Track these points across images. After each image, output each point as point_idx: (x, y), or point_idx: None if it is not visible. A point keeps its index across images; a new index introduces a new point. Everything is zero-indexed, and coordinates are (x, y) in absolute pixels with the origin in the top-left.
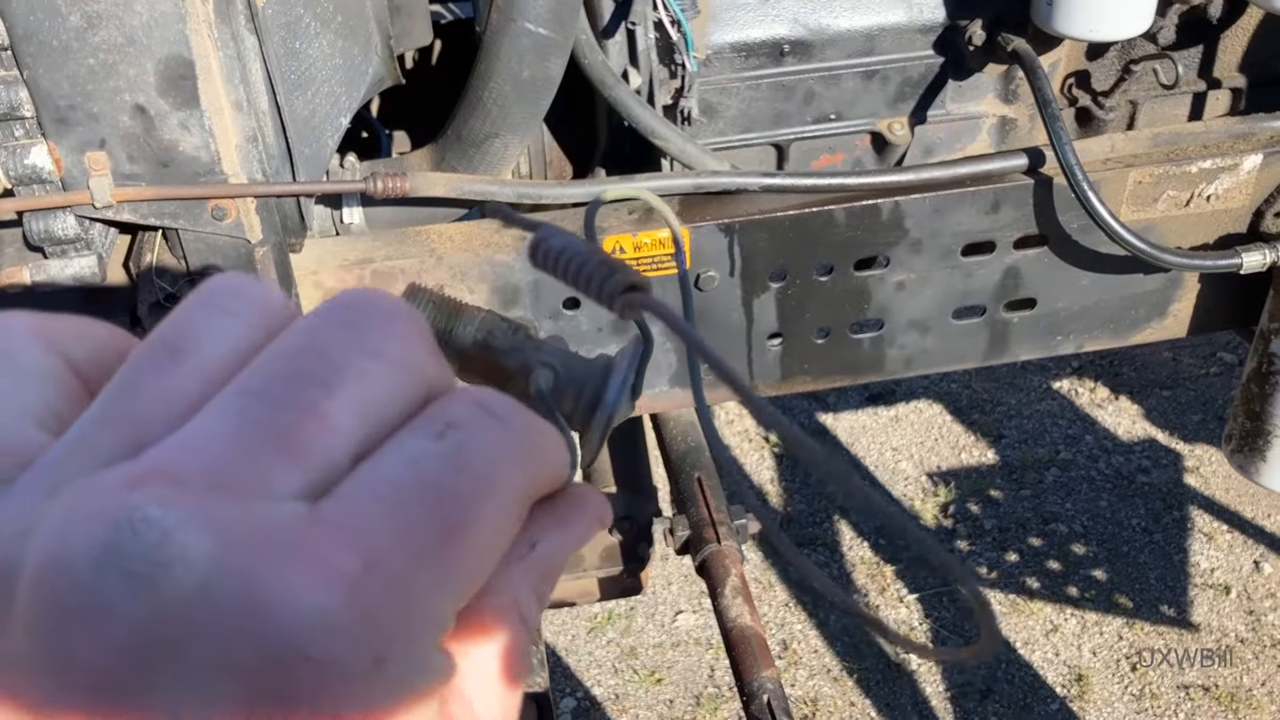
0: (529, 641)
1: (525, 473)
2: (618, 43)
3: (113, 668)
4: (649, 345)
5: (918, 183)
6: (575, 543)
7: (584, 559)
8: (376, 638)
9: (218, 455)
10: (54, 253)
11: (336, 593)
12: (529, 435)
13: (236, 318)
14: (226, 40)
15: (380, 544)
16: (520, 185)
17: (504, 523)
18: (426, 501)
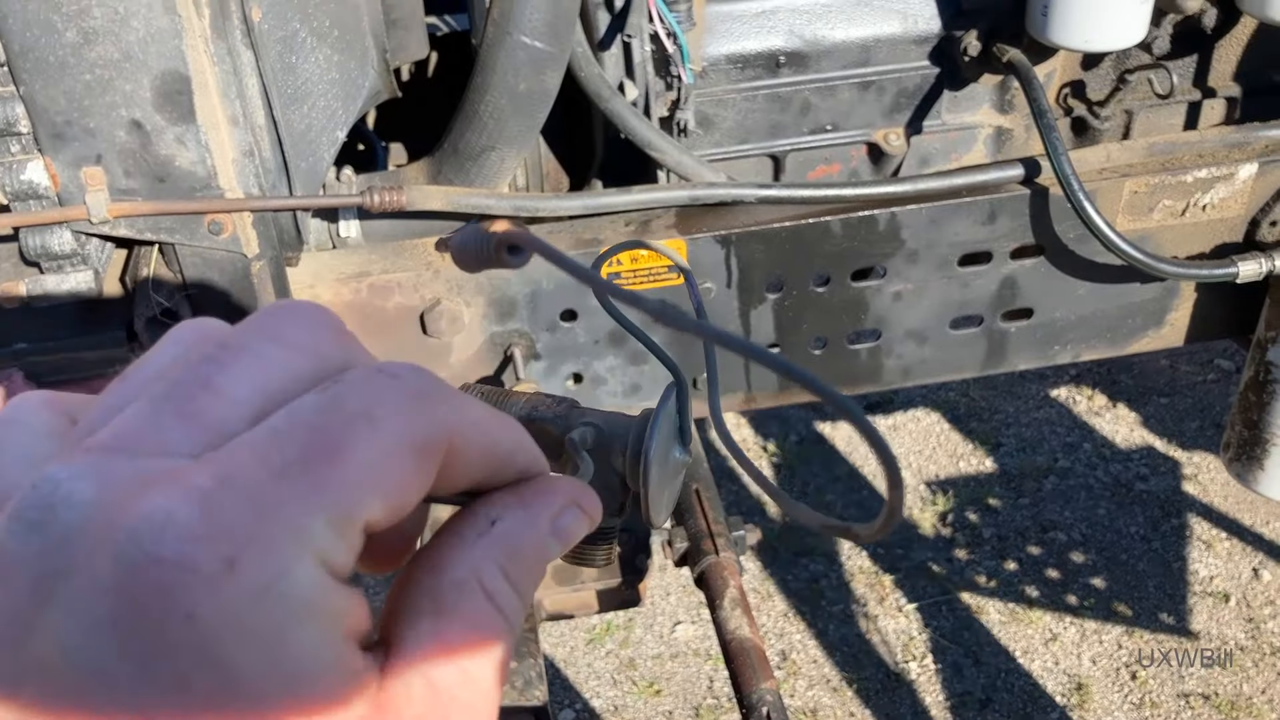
0: (498, 617)
1: (413, 419)
2: (614, 55)
3: (15, 606)
4: (683, 388)
5: (914, 194)
6: (545, 525)
7: (581, 571)
8: (226, 540)
9: (125, 427)
10: (50, 268)
11: (187, 502)
12: (424, 389)
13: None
14: (223, 55)
15: (238, 465)
16: (517, 198)
17: (382, 458)
18: (294, 432)
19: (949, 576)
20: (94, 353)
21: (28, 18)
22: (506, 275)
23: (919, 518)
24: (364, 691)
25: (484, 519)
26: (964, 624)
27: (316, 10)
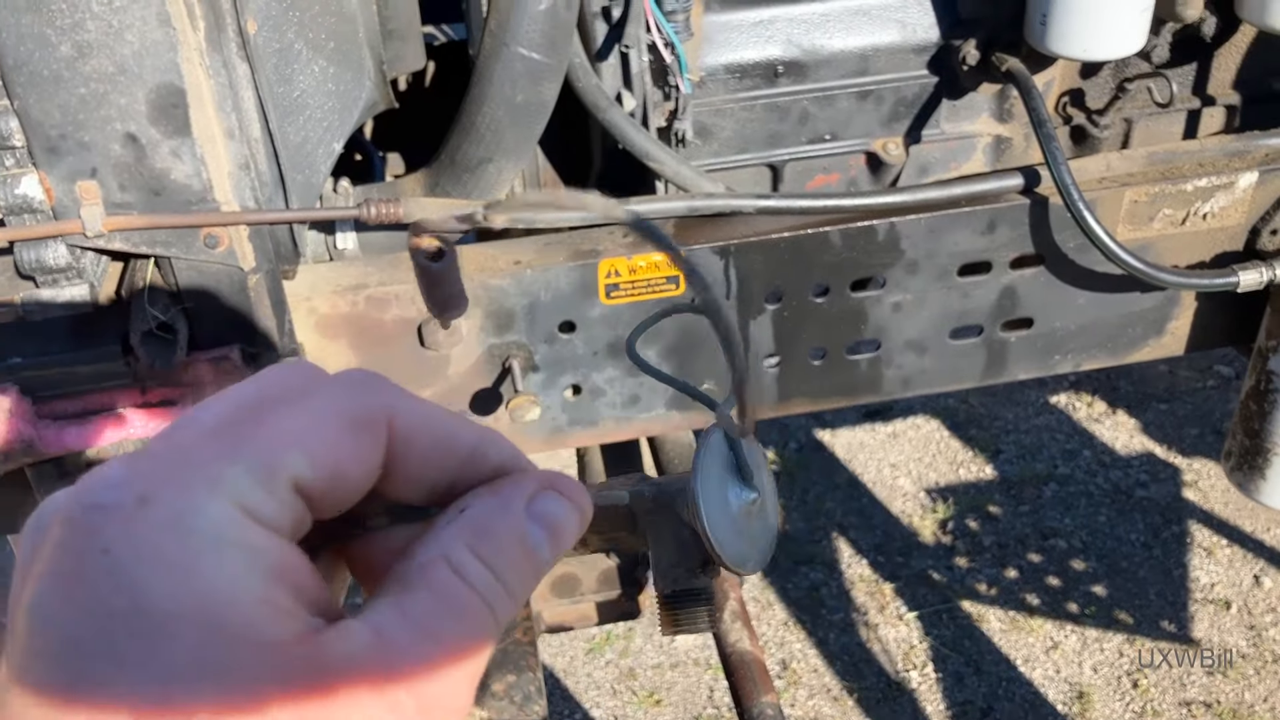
0: (465, 589)
1: (344, 395)
2: (611, 65)
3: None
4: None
5: (913, 203)
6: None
7: (581, 583)
8: (142, 482)
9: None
10: (45, 282)
11: (122, 461)
12: (364, 379)
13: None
14: (218, 68)
15: (180, 431)
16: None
17: (309, 421)
18: (233, 405)
19: (949, 584)
20: (89, 367)
21: (21, 31)
22: (504, 287)
23: (919, 525)
24: (291, 626)
25: (454, 510)
26: (965, 632)
27: (312, 22)
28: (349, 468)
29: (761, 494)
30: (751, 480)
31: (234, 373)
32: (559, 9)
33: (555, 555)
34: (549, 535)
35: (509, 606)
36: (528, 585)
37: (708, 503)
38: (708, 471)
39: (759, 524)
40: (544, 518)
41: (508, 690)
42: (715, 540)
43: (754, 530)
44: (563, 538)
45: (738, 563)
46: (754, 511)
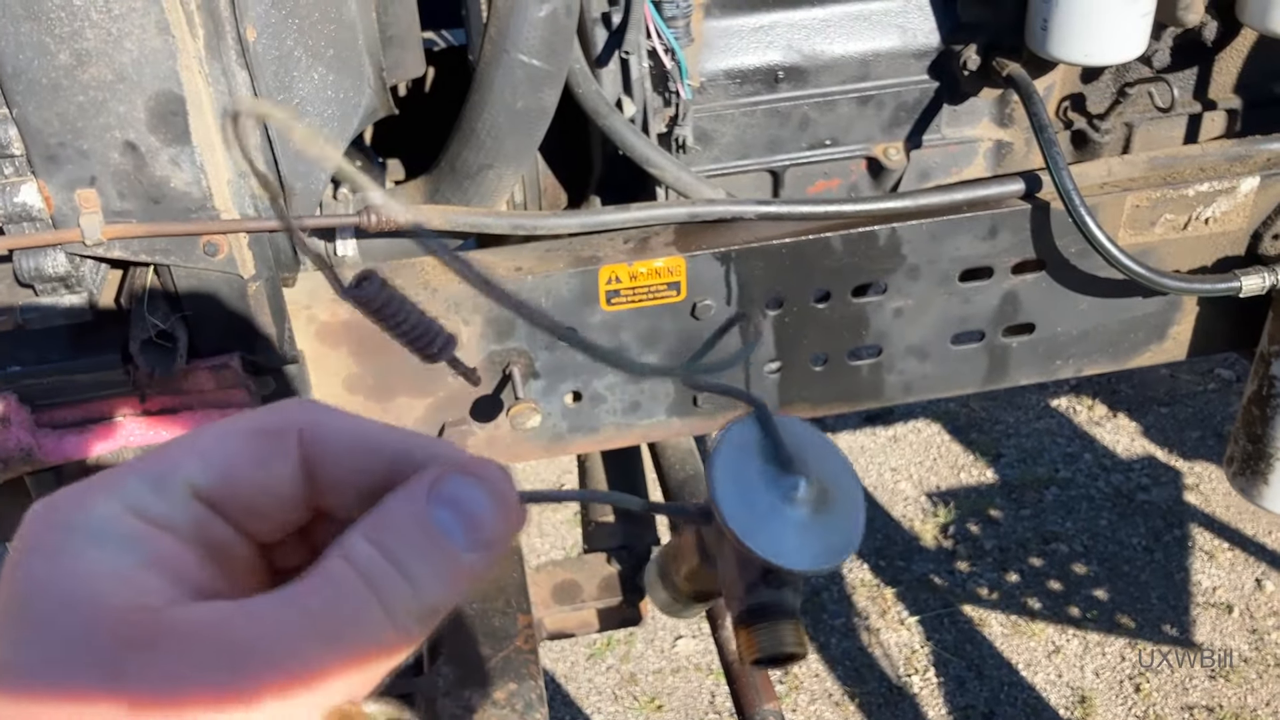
0: (353, 577)
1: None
2: (611, 71)
3: None
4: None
5: (914, 209)
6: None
7: (582, 590)
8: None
9: None
10: (44, 290)
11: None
12: (275, 403)
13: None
14: (217, 76)
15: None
16: (514, 217)
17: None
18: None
19: (951, 589)
20: (88, 375)
21: (20, 40)
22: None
23: (920, 529)
24: (144, 599)
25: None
26: (966, 636)
27: (312, 29)
28: (245, 471)
29: (815, 476)
30: (791, 465)
31: (234, 381)
32: (559, 15)
33: (478, 543)
34: (461, 520)
35: (405, 593)
36: (439, 572)
37: (729, 499)
38: (729, 463)
39: (823, 512)
40: (451, 500)
41: (509, 698)
42: (744, 538)
43: (816, 520)
44: (480, 523)
45: (795, 560)
46: (809, 499)
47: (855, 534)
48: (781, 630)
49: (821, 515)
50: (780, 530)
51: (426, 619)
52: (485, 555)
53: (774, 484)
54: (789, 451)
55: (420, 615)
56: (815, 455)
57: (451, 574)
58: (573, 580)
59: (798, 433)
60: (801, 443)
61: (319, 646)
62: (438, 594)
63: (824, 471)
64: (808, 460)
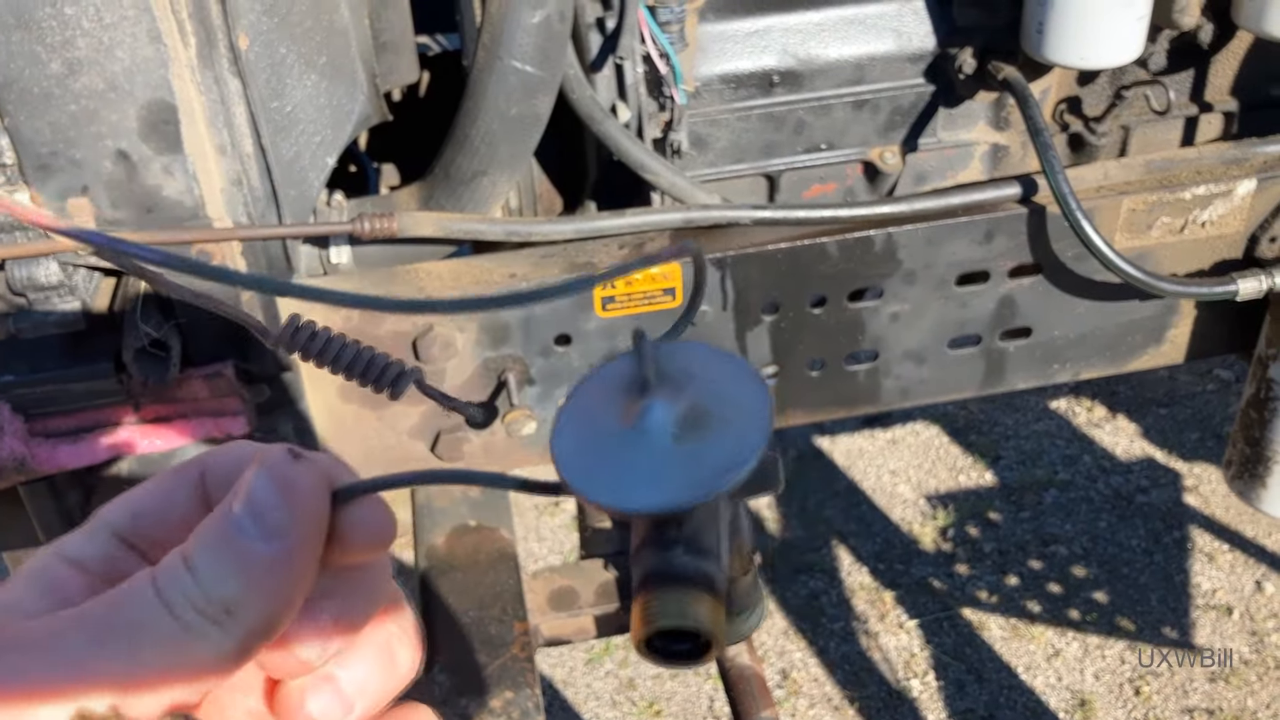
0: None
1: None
2: (606, 77)
3: None
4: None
5: (910, 213)
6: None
7: (579, 596)
8: None
9: None
10: (37, 299)
11: None
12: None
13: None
14: (210, 84)
15: None
16: (509, 223)
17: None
18: None
19: (950, 592)
20: (82, 384)
21: (11, 49)
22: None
23: (919, 533)
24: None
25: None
26: (966, 640)
27: (304, 37)
28: (147, 502)
29: (692, 400)
30: (648, 389)
31: (228, 389)
32: (553, 21)
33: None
34: (248, 509)
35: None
36: (223, 563)
37: (567, 443)
38: (585, 404)
39: (691, 439)
40: (245, 493)
41: (505, 706)
42: (576, 482)
43: (680, 451)
44: (263, 507)
45: (636, 500)
46: (667, 426)
47: (737, 463)
48: (660, 600)
49: (690, 443)
50: (626, 467)
51: (220, 616)
52: (279, 544)
53: (626, 416)
54: (649, 375)
55: (208, 611)
56: (707, 377)
57: (240, 567)
58: (570, 586)
59: (693, 355)
60: (692, 366)
61: (83, 646)
62: (226, 588)
63: (712, 393)
64: (688, 384)
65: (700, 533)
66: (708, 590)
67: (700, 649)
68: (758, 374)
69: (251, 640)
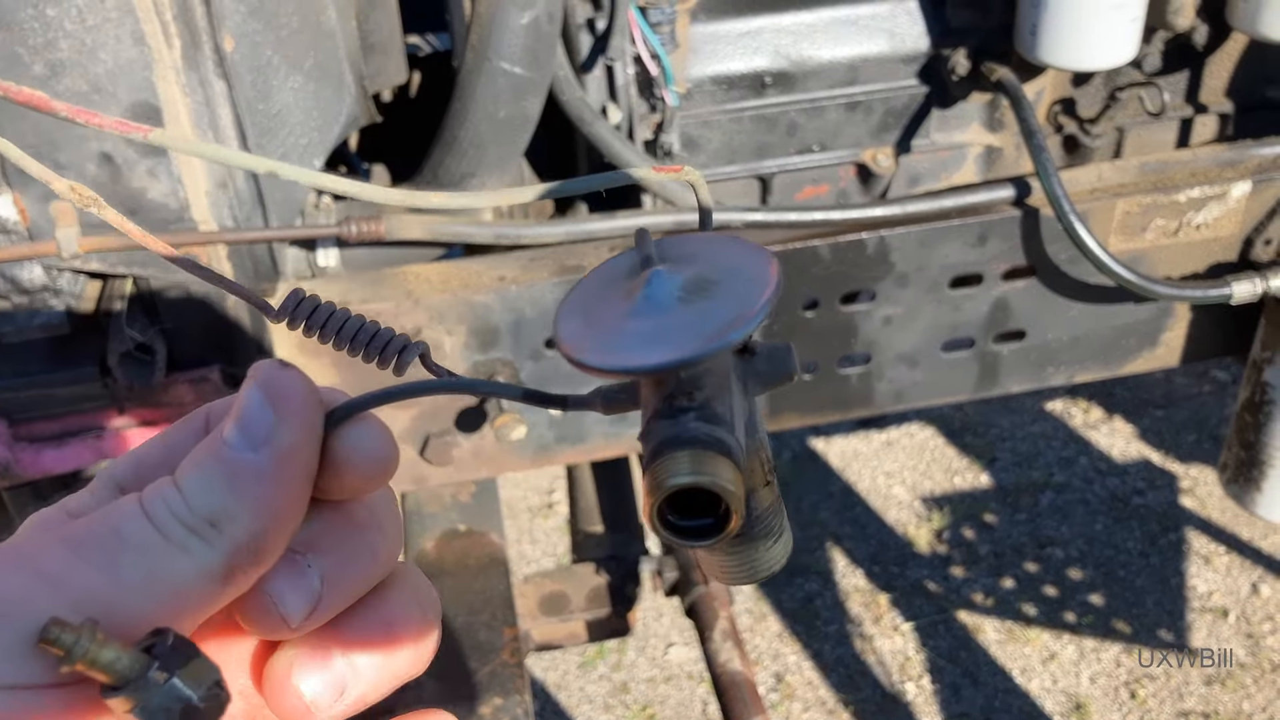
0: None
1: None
2: (596, 78)
3: None
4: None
5: (903, 216)
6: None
7: (570, 601)
8: None
9: None
10: (21, 303)
11: None
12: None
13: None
14: (194, 86)
15: None
16: (498, 226)
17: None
18: None
19: (945, 595)
20: (66, 388)
21: None
22: (488, 303)
23: (915, 535)
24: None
25: None
26: (961, 643)
27: (291, 38)
28: (152, 453)
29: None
30: (650, 263)
31: (214, 392)
32: (542, 22)
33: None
34: (236, 421)
35: (171, 498)
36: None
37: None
38: (590, 290)
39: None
40: (236, 408)
41: (495, 713)
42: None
43: (685, 313)
44: (249, 417)
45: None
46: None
47: (748, 307)
48: (676, 460)
49: (696, 304)
50: (630, 334)
51: (204, 529)
52: (266, 452)
53: (629, 291)
54: (650, 253)
55: (193, 523)
56: (709, 254)
57: (226, 477)
58: (561, 591)
59: (695, 242)
60: (694, 249)
61: (62, 557)
62: (210, 500)
63: (713, 265)
64: (691, 259)
65: (713, 402)
66: (723, 453)
67: (720, 521)
68: (758, 246)
69: (238, 557)
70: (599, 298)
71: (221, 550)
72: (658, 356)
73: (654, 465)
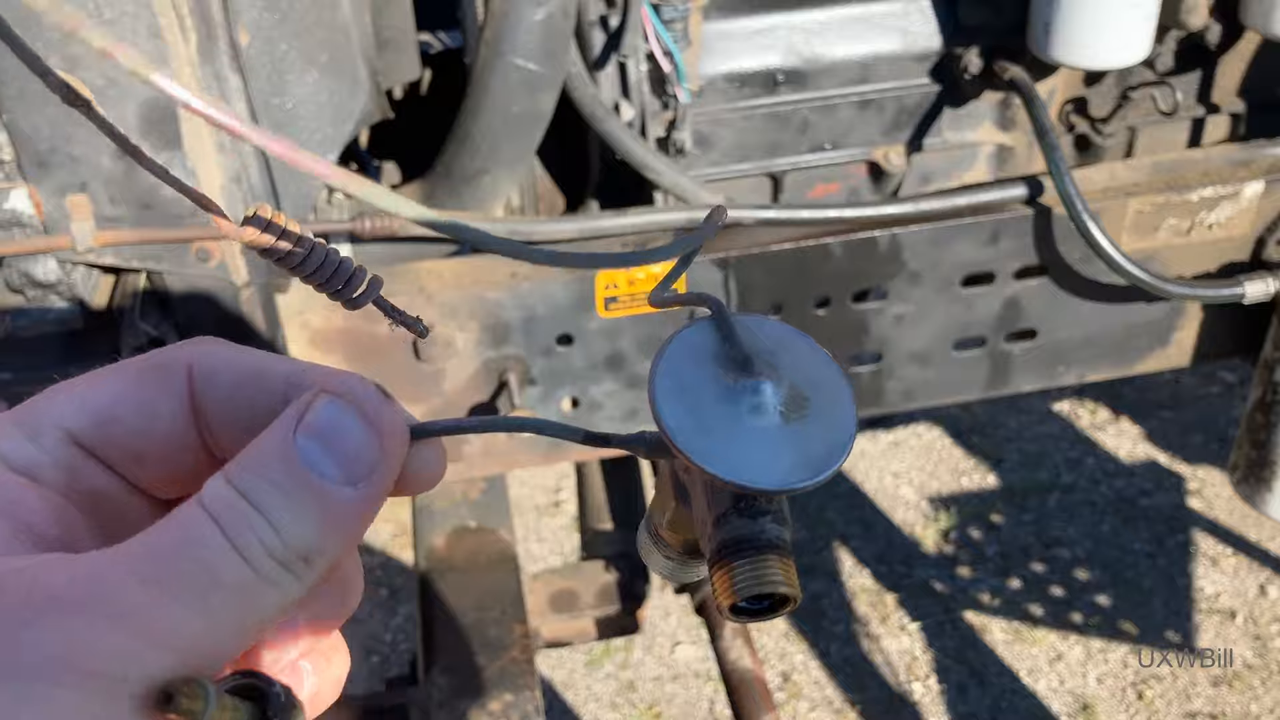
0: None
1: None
2: (609, 75)
3: None
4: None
5: (915, 214)
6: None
7: (579, 598)
8: None
9: None
10: (35, 296)
11: None
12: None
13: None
14: (210, 80)
15: None
16: (511, 222)
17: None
18: None
19: (952, 595)
20: None
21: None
22: (500, 299)
23: (921, 535)
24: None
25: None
26: (968, 643)
27: (305, 34)
28: (124, 411)
29: (787, 379)
30: (751, 366)
31: None
32: (555, 19)
33: (352, 477)
34: (326, 446)
35: (265, 534)
36: (306, 511)
37: (676, 414)
38: (677, 373)
39: (797, 419)
40: (319, 431)
41: (505, 709)
42: (697, 456)
43: (789, 430)
44: (351, 454)
45: (764, 477)
46: (776, 405)
47: (841, 441)
48: (762, 566)
49: (796, 423)
50: (742, 444)
51: (296, 565)
52: (365, 489)
53: (732, 391)
54: (749, 352)
55: (286, 559)
56: (790, 357)
57: (322, 513)
58: (570, 588)
59: (767, 332)
60: (771, 343)
61: (150, 596)
62: (306, 536)
63: (800, 374)
64: (779, 362)
65: (783, 505)
66: (791, 556)
67: (776, 606)
68: (830, 356)
69: (317, 586)
70: (694, 383)
71: (308, 583)
72: (778, 479)
73: (737, 564)
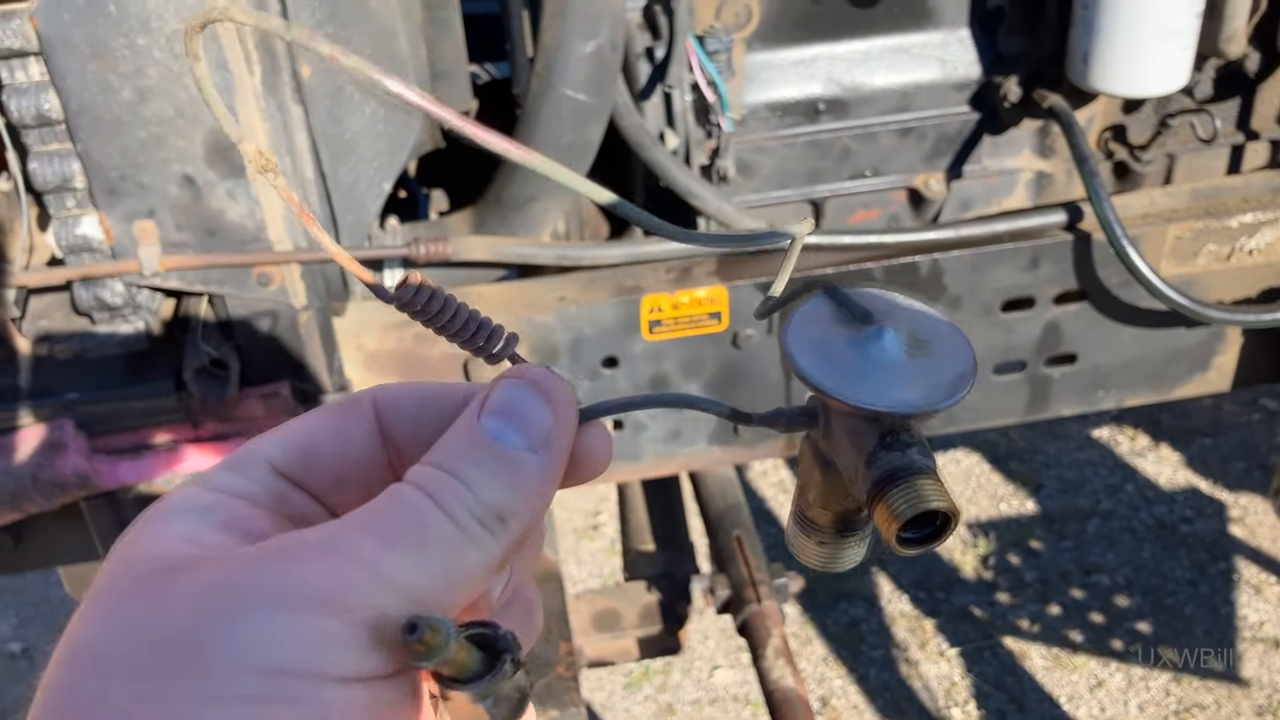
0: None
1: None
2: (655, 105)
3: None
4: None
5: (955, 240)
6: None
7: (622, 618)
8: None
9: None
10: (102, 319)
11: None
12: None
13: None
14: (273, 111)
15: None
16: (559, 247)
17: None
18: None
19: (991, 620)
20: (143, 402)
21: (85, 77)
22: (548, 323)
23: (960, 561)
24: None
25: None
26: (1007, 669)
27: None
28: (323, 442)
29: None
30: (870, 318)
31: (284, 407)
32: (605, 51)
33: (533, 441)
34: (508, 420)
35: (463, 495)
36: (495, 472)
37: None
38: (804, 334)
39: (921, 355)
40: (499, 409)
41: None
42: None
43: (916, 364)
44: (529, 420)
45: (907, 401)
46: (901, 345)
47: (966, 370)
48: (919, 487)
49: (920, 359)
50: (877, 379)
51: (493, 523)
52: (546, 453)
53: (858, 340)
54: (866, 309)
55: (484, 518)
56: (902, 312)
57: (512, 477)
58: (613, 608)
59: (877, 296)
60: (883, 304)
61: (375, 544)
62: (499, 498)
63: (915, 324)
64: (894, 315)
65: (923, 436)
66: (941, 480)
67: (939, 531)
68: (937, 313)
69: (512, 550)
70: (824, 341)
71: (504, 544)
72: (917, 402)
73: (893, 491)
